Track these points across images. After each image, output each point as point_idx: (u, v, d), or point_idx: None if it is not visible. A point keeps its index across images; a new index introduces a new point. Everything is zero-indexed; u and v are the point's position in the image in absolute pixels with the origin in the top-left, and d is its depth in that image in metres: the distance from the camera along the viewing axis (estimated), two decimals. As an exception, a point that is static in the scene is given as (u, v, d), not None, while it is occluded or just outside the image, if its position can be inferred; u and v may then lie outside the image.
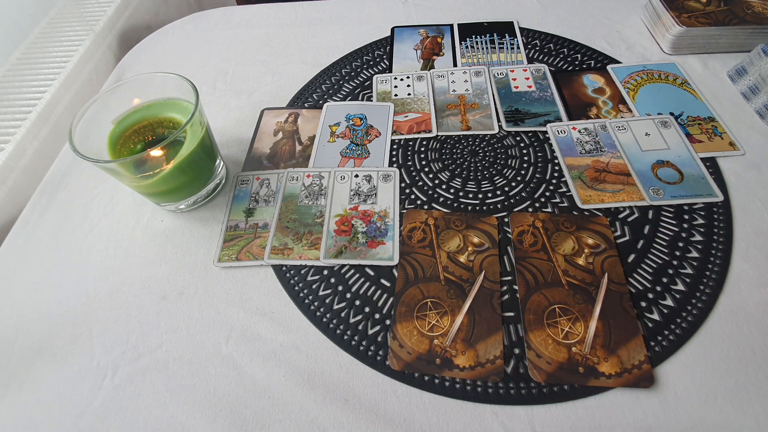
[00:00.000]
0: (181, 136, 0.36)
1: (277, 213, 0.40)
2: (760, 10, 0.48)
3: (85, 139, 0.35)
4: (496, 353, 0.31)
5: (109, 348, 0.34)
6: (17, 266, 0.39)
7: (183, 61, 0.58)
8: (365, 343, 0.33)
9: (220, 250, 0.38)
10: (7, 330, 0.35)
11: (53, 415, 0.31)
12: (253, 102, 0.51)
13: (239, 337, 0.34)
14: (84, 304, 0.36)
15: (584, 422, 0.28)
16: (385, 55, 0.55)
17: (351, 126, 0.47)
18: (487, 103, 0.47)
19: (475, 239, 0.37)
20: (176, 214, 0.41)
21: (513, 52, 0.53)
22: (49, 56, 0.56)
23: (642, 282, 0.34)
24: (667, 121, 0.43)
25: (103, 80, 0.58)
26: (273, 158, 0.45)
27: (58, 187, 0.45)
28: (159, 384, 0.32)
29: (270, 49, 0.57)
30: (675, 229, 0.36)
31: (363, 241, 0.37)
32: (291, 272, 0.37)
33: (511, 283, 0.34)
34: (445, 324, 0.33)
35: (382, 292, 0.35)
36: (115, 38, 0.63)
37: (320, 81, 0.52)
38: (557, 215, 0.38)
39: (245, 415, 0.30)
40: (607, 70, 0.49)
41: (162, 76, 0.38)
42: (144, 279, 0.37)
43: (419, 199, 0.40)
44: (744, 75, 0.45)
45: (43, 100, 0.51)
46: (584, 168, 0.41)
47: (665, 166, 0.40)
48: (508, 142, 0.44)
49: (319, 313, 0.34)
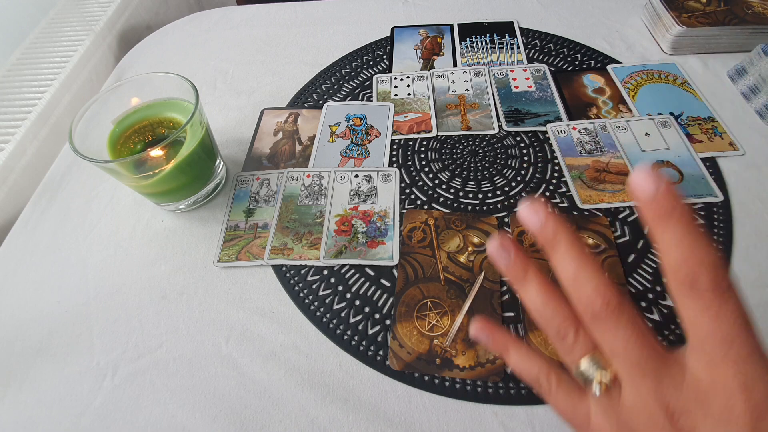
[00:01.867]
0: (181, 136, 0.36)
1: (277, 213, 0.40)
2: (760, 10, 0.48)
3: (85, 139, 0.35)
4: (496, 353, 0.31)
5: (109, 348, 0.34)
6: (17, 266, 0.39)
7: (183, 61, 0.58)
8: (365, 343, 0.33)
9: (220, 250, 0.38)
10: (7, 330, 0.35)
11: (53, 415, 0.31)
12: (253, 102, 0.51)
13: (239, 337, 0.34)
14: (84, 304, 0.36)
15: (584, 422, 0.28)
16: (385, 55, 0.55)
17: (351, 126, 0.47)
18: (487, 103, 0.47)
19: (475, 239, 0.37)
20: (176, 214, 0.41)
21: (513, 52, 0.53)
22: (49, 56, 0.56)
23: (642, 282, 0.34)
24: (667, 121, 0.43)
25: (102, 80, 0.58)
26: (273, 158, 0.45)
27: (58, 187, 0.45)
28: (159, 384, 0.32)
29: (270, 49, 0.57)
30: (675, 229, 0.36)
31: (363, 241, 0.37)
32: (291, 272, 0.37)
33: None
34: (445, 324, 0.33)
35: (382, 292, 0.35)
36: (115, 38, 0.63)
37: (320, 81, 0.52)
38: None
39: (245, 415, 0.30)
40: (607, 70, 0.49)
41: (162, 76, 0.38)
42: (144, 279, 0.37)
43: (419, 199, 0.40)
44: (744, 75, 0.45)
45: (43, 100, 0.51)
46: (584, 168, 0.41)
47: (665, 166, 0.40)
48: (508, 142, 0.44)
49: (319, 313, 0.34)
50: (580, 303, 0.18)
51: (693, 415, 0.17)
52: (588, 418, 0.20)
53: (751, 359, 0.15)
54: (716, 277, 0.16)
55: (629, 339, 0.18)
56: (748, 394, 0.15)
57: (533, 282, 0.20)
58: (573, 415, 0.20)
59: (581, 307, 0.18)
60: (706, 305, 0.16)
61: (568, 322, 0.19)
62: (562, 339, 0.19)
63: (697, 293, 0.16)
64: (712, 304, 0.16)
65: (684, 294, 0.16)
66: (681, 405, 0.17)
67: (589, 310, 0.18)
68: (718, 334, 0.16)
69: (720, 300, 0.16)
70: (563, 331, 0.19)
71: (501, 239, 0.20)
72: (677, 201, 0.16)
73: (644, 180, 0.16)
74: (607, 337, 0.18)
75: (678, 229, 0.16)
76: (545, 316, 0.20)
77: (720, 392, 0.16)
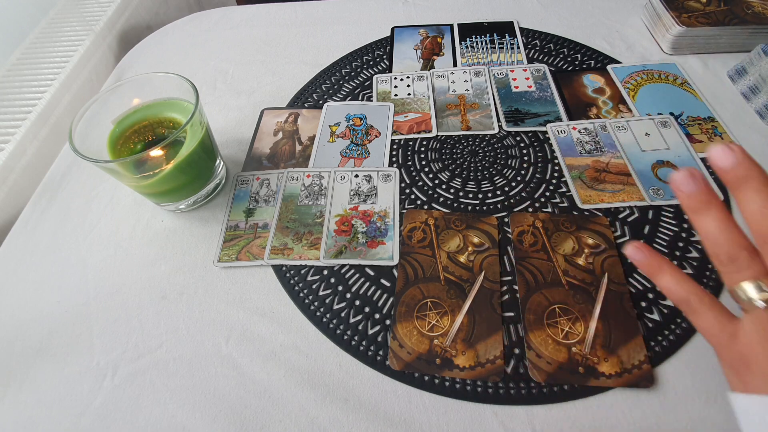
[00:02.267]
0: (181, 136, 0.36)
1: (277, 213, 0.40)
2: (760, 10, 0.48)
3: (85, 139, 0.35)
4: (496, 353, 0.31)
5: (109, 348, 0.34)
6: (17, 266, 0.39)
7: (183, 61, 0.58)
8: (365, 343, 0.33)
9: (220, 250, 0.38)
10: (7, 330, 0.35)
11: (53, 415, 0.31)
12: (253, 102, 0.51)
13: (239, 337, 0.34)
14: (84, 304, 0.36)
15: (584, 422, 0.28)
16: (385, 55, 0.55)
17: (351, 126, 0.47)
18: (487, 103, 0.47)
19: (475, 239, 0.37)
20: (176, 214, 0.41)
21: (513, 52, 0.53)
22: (49, 56, 0.56)
23: (642, 282, 0.34)
24: (667, 121, 0.43)
25: (102, 80, 0.58)
26: (273, 158, 0.45)
27: (58, 187, 0.45)
28: (159, 384, 0.32)
29: (270, 49, 0.57)
30: (675, 229, 0.36)
31: (363, 241, 0.37)
32: (291, 272, 0.37)
33: (511, 283, 0.34)
34: (445, 324, 0.33)
35: (382, 292, 0.35)
36: (115, 38, 0.63)
37: (320, 81, 0.52)
38: (557, 215, 0.38)
39: (245, 415, 0.30)
40: (607, 70, 0.49)
41: (162, 76, 0.38)
42: (144, 279, 0.37)
43: (419, 199, 0.40)
44: (744, 75, 0.45)
45: (43, 101, 0.51)
46: (584, 168, 0.41)
47: (665, 166, 0.40)
48: (508, 142, 0.44)
49: (319, 313, 0.34)
50: (762, 231, 0.21)
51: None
52: (733, 338, 0.22)
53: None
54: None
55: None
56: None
57: (713, 210, 0.23)
58: (719, 332, 0.23)
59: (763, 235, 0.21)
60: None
61: (740, 248, 0.22)
62: (733, 261, 0.22)
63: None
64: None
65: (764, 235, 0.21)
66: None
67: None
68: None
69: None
70: (735, 255, 0.22)
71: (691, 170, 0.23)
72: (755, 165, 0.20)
73: (724, 152, 0.20)
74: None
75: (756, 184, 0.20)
76: (719, 241, 0.22)
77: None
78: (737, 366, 0.23)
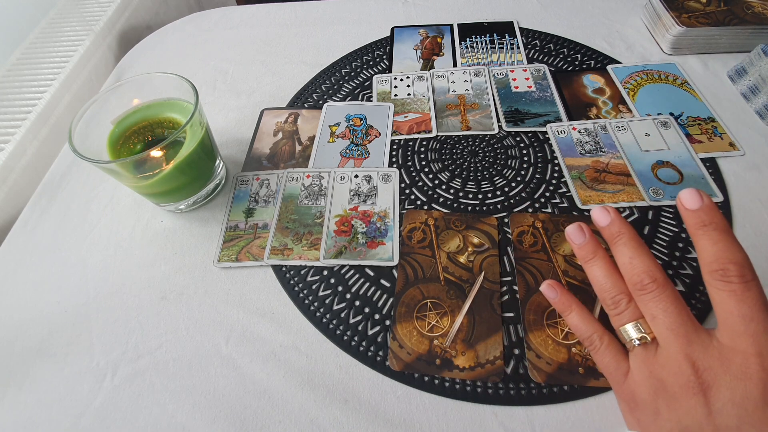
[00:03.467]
0: (181, 137, 0.36)
1: (277, 213, 0.40)
2: (760, 10, 0.48)
3: (84, 140, 0.35)
4: (495, 354, 0.31)
5: (108, 348, 0.34)
6: (17, 266, 0.39)
7: (183, 61, 0.58)
8: (365, 344, 0.33)
9: (219, 250, 0.38)
10: (7, 330, 0.35)
11: (53, 415, 0.31)
12: (252, 102, 0.51)
13: (239, 337, 0.34)
14: (84, 304, 0.36)
15: (584, 423, 0.28)
16: (385, 55, 0.55)
17: (351, 126, 0.47)
18: (487, 103, 0.47)
19: (475, 240, 0.37)
20: (176, 215, 0.41)
21: (513, 52, 0.53)
22: (49, 56, 0.56)
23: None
24: (667, 121, 0.43)
25: (102, 80, 0.58)
26: (273, 158, 0.45)
27: (58, 187, 0.45)
28: (159, 384, 0.32)
29: (270, 49, 0.57)
30: (675, 229, 0.36)
31: (363, 242, 0.37)
32: (291, 273, 0.37)
33: (511, 283, 0.34)
34: (445, 324, 0.33)
35: (381, 293, 0.35)
36: (115, 38, 0.63)
37: (320, 81, 0.52)
38: (557, 216, 0.38)
39: (245, 416, 0.30)
40: (607, 70, 0.49)
41: (162, 77, 0.38)
42: (144, 279, 0.37)
43: (419, 199, 0.40)
44: (744, 75, 0.45)
45: (43, 101, 0.51)
46: (584, 168, 0.41)
47: (665, 167, 0.40)
48: (508, 143, 0.44)
49: (319, 314, 0.34)
50: (632, 280, 0.24)
51: (715, 371, 0.21)
52: (625, 376, 0.25)
53: (766, 334, 0.20)
54: (742, 269, 0.21)
55: (668, 308, 0.23)
56: (761, 359, 0.20)
57: (600, 260, 0.26)
58: (614, 370, 0.25)
59: (633, 284, 0.24)
60: (732, 290, 0.21)
61: (622, 294, 0.25)
62: (616, 306, 0.25)
63: (726, 281, 0.21)
64: (737, 289, 0.21)
65: (716, 281, 0.22)
66: (705, 363, 0.21)
67: (639, 285, 0.24)
68: (740, 312, 0.21)
69: (744, 287, 0.21)
70: (617, 300, 0.25)
71: (579, 224, 0.27)
72: (715, 213, 0.22)
73: (692, 196, 0.22)
74: (651, 306, 0.23)
75: (714, 234, 0.22)
76: (605, 287, 0.25)
77: (739, 356, 0.21)
78: (629, 402, 0.25)
